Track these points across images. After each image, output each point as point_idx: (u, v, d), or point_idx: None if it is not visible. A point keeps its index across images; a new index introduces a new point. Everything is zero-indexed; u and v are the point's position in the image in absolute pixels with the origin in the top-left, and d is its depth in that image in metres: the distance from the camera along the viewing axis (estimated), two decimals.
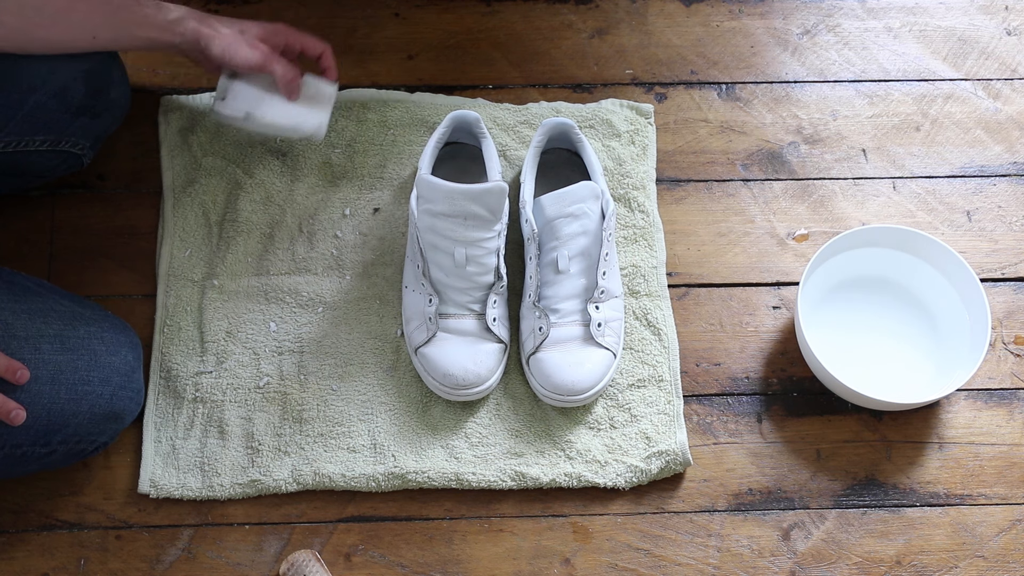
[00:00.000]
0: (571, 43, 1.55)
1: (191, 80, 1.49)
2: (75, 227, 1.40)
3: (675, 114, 1.51)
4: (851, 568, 1.27)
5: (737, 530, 1.28)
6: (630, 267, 1.39)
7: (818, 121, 1.51)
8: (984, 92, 1.54)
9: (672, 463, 1.29)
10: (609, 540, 1.27)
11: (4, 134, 1.24)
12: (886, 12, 1.59)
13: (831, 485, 1.30)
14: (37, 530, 1.25)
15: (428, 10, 1.56)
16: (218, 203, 1.40)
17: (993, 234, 1.45)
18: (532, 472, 1.28)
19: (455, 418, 1.30)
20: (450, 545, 1.26)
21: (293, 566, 1.22)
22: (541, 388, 1.29)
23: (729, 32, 1.57)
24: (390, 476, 1.27)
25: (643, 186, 1.44)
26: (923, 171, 1.48)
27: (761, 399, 1.35)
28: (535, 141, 1.38)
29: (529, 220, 1.32)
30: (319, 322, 1.35)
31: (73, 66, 1.26)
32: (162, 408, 1.30)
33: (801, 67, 1.55)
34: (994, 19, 1.59)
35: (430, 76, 1.52)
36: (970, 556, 1.28)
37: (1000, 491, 1.31)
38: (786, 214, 1.45)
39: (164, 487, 1.26)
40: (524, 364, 1.32)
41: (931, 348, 1.36)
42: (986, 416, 1.35)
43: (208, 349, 1.33)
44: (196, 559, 1.24)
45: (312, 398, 1.31)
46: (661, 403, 1.32)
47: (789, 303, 1.40)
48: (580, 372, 1.28)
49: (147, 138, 1.45)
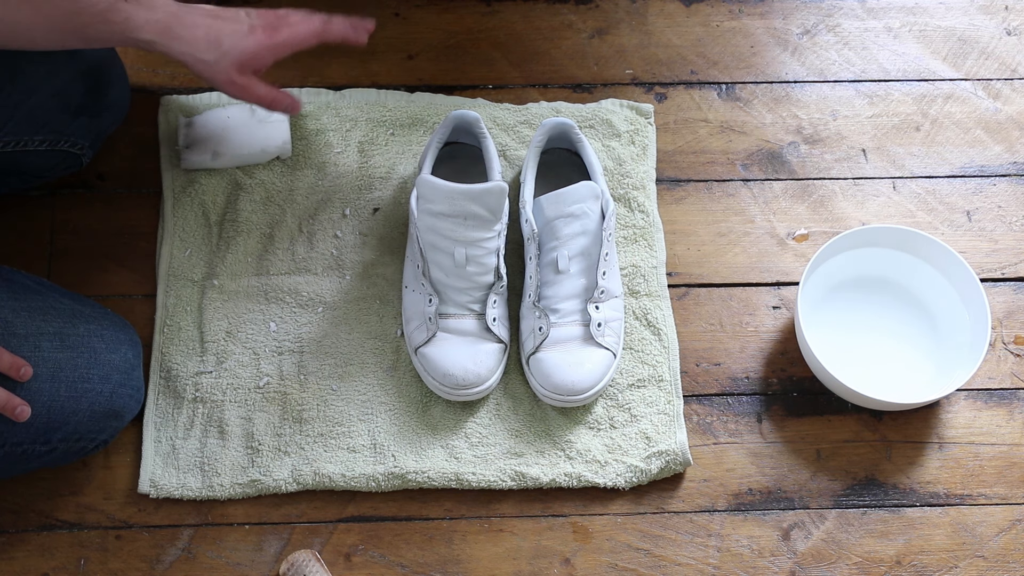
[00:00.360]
0: (571, 43, 1.55)
1: (191, 80, 1.49)
2: (75, 227, 1.40)
3: (675, 114, 1.51)
4: (851, 568, 1.26)
5: (737, 530, 1.28)
6: (630, 267, 1.39)
7: (818, 121, 1.51)
8: (984, 92, 1.54)
9: (672, 463, 1.29)
10: (609, 540, 1.27)
11: (3, 134, 1.24)
12: (886, 12, 1.59)
13: (831, 485, 1.30)
14: (37, 530, 1.25)
15: (428, 10, 1.56)
16: (218, 203, 1.40)
17: (993, 234, 1.45)
18: (532, 472, 1.28)
19: (455, 418, 1.30)
20: (450, 545, 1.26)
21: (293, 566, 1.22)
22: (541, 388, 1.29)
23: (729, 32, 1.57)
24: (390, 476, 1.27)
25: (643, 186, 1.44)
26: (923, 171, 1.48)
27: (761, 399, 1.35)
28: (535, 141, 1.38)
29: (529, 220, 1.32)
30: (319, 322, 1.35)
31: (73, 66, 1.26)
32: (162, 408, 1.30)
33: (801, 67, 1.55)
34: (994, 19, 1.59)
35: (430, 76, 1.52)
36: (970, 556, 1.28)
37: (1000, 491, 1.31)
38: (786, 214, 1.45)
39: (164, 487, 1.26)
40: (524, 364, 1.32)
41: (931, 348, 1.36)
42: (986, 416, 1.35)
43: (208, 349, 1.33)
44: (196, 559, 1.24)
45: (312, 398, 1.31)
46: (661, 403, 1.32)
47: (789, 303, 1.40)
48: (580, 372, 1.28)
49: (147, 138, 1.45)
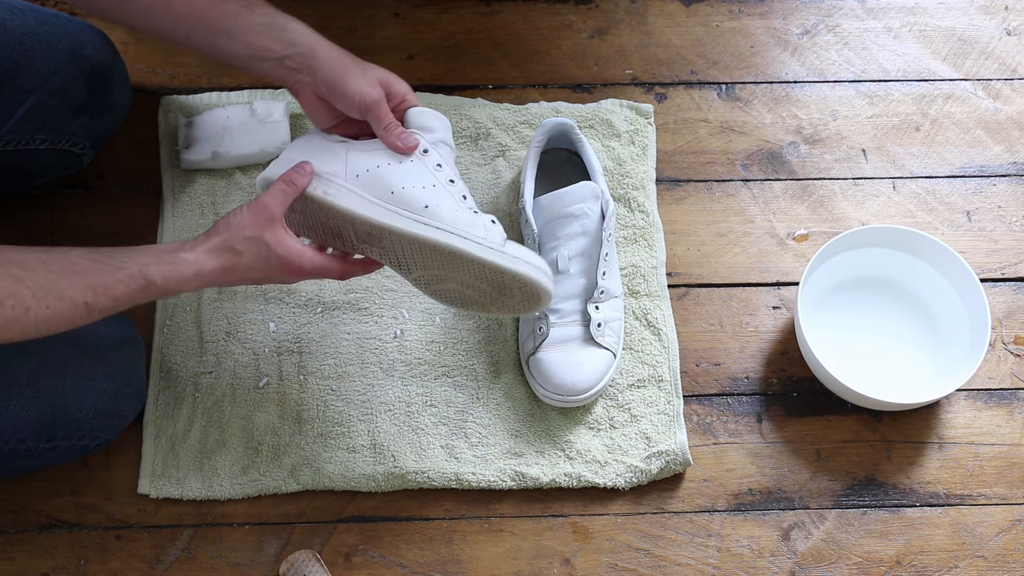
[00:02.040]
0: (571, 43, 1.55)
1: (191, 80, 1.49)
2: (75, 227, 1.40)
3: (675, 114, 1.51)
4: (851, 568, 1.27)
5: (737, 530, 1.28)
6: (630, 267, 1.39)
7: (818, 121, 1.51)
8: (984, 92, 1.54)
9: (672, 463, 1.29)
10: (609, 540, 1.27)
11: (4, 132, 1.24)
12: (886, 12, 1.59)
13: (831, 485, 1.30)
14: (37, 530, 1.25)
15: (428, 10, 1.56)
16: (218, 203, 1.40)
17: (993, 234, 1.45)
18: (532, 472, 1.28)
19: (455, 418, 1.30)
20: (450, 545, 1.26)
21: (293, 566, 1.22)
22: (541, 388, 1.29)
23: (729, 32, 1.57)
24: (390, 476, 1.27)
25: (643, 186, 1.44)
26: (923, 171, 1.48)
27: (761, 399, 1.35)
28: (535, 141, 1.38)
29: (529, 220, 1.32)
30: (319, 322, 1.35)
31: (74, 65, 1.26)
32: (162, 408, 1.30)
33: (801, 67, 1.55)
34: (994, 19, 1.59)
35: (430, 76, 1.52)
36: (970, 556, 1.28)
37: (1000, 491, 1.31)
38: (786, 214, 1.45)
39: (164, 487, 1.26)
40: (524, 364, 1.32)
41: (931, 348, 1.36)
42: (986, 416, 1.35)
43: (208, 349, 1.33)
44: (196, 559, 1.24)
45: (312, 398, 1.31)
46: (661, 403, 1.32)
47: (789, 303, 1.40)
48: (580, 372, 1.28)
49: (147, 138, 1.45)
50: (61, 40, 1.26)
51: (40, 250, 1.03)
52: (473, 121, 1.46)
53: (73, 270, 1.02)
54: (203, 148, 1.40)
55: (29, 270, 0.99)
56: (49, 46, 1.25)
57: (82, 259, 1.03)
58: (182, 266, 1.07)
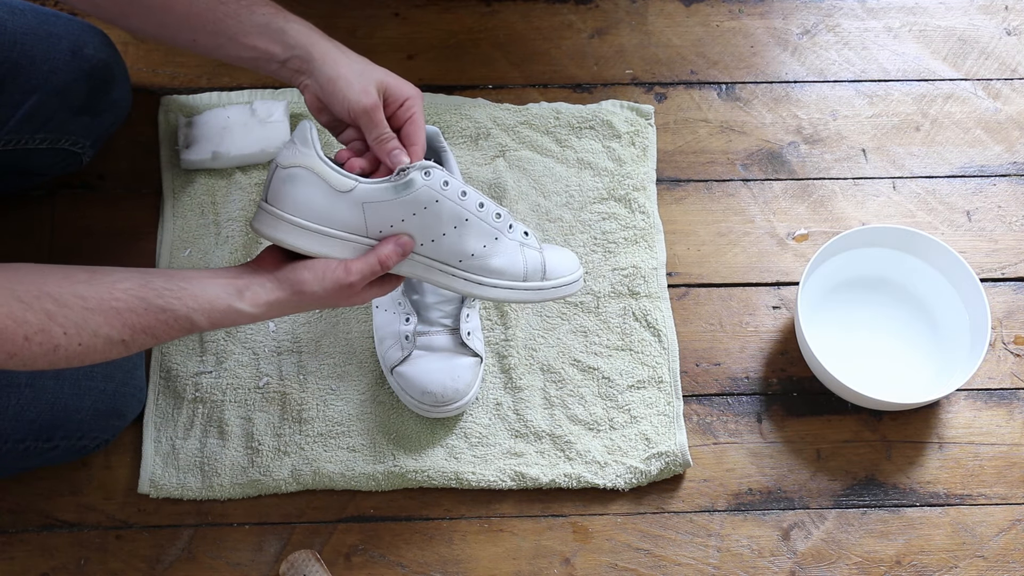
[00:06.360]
0: (571, 43, 1.55)
1: (191, 80, 1.49)
2: (75, 227, 1.40)
3: (675, 114, 1.51)
4: (851, 568, 1.27)
5: (737, 530, 1.28)
6: (630, 268, 1.39)
7: (818, 121, 1.51)
8: (984, 92, 1.54)
9: (672, 464, 1.29)
10: (609, 540, 1.27)
11: (4, 132, 1.24)
12: (886, 12, 1.59)
13: (831, 485, 1.30)
14: (37, 530, 1.25)
15: (428, 10, 1.56)
16: (218, 203, 1.40)
17: (993, 234, 1.45)
18: (532, 472, 1.28)
19: (455, 418, 1.30)
20: (450, 545, 1.26)
21: (293, 566, 1.22)
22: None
23: (729, 32, 1.57)
24: (390, 475, 1.27)
25: (643, 187, 1.44)
26: (923, 171, 1.48)
27: (761, 399, 1.35)
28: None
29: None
30: (318, 322, 1.35)
31: (75, 65, 1.26)
32: (162, 408, 1.30)
33: (801, 67, 1.55)
34: (994, 19, 1.59)
35: (430, 76, 1.52)
36: (970, 556, 1.28)
37: (1000, 491, 1.31)
38: (786, 214, 1.45)
39: (164, 487, 1.26)
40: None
41: (931, 348, 1.36)
42: (986, 416, 1.35)
43: (208, 349, 1.33)
44: (196, 559, 1.24)
45: (312, 398, 1.31)
46: (661, 404, 1.32)
47: (789, 303, 1.40)
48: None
49: (147, 138, 1.45)
50: (61, 40, 1.26)
51: (83, 276, 0.98)
52: (473, 121, 1.46)
53: (113, 307, 0.98)
54: (203, 148, 1.40)
55: (64, 306, 0.95)
56: (49, 46, 1.25)
57: (126, 294, 0.99)
58: (236, 317, 1.04)
